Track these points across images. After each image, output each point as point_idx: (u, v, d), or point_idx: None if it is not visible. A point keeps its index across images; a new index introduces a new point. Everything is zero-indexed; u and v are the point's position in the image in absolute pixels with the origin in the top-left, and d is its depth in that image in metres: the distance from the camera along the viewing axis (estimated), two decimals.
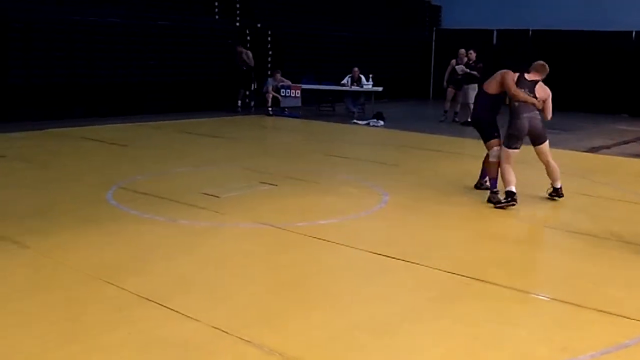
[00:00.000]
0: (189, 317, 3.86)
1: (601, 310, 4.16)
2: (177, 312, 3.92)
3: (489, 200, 6.90)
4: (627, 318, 4.05)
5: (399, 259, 5.05)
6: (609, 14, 18.51)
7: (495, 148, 7.06)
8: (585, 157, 10.90)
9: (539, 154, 7.19)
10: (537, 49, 19.53)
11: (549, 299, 4.42)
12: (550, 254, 5.60)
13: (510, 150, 6.83)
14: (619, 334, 3.81)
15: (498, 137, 7.13)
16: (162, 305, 4.01)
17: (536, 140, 7.10)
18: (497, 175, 7.00)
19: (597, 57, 18.46)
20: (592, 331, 3.88)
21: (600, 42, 18.45)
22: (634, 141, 12.23)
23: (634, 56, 18.04)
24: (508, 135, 6.93)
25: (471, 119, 8.39)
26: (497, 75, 7.10)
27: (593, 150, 11.53)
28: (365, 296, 4.35)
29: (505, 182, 6.77)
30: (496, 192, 6.91)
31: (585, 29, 18.37)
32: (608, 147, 11.88)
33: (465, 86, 14.50)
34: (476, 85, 14.42)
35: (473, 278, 4.68)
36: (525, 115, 6.85)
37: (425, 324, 3.92)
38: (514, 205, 6.64)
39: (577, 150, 11.31)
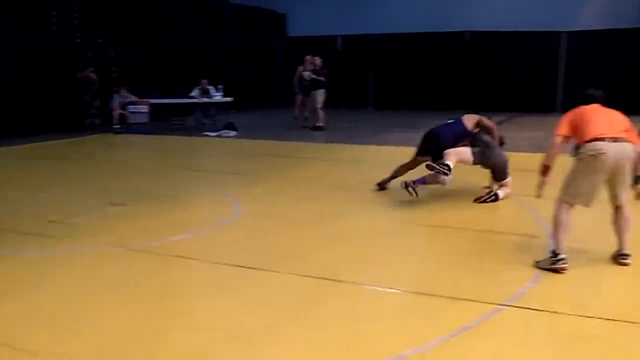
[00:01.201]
0: (36, 355, 3.65)
1: (447, 297, 4.43)
2: (22, 350, 3.70)
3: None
4: (470, 301, 4.34)
5: (255, 269, 5.07)
6: (446, 16, 19.69)
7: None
8: None
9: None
10: (379, 53, 20.54)
11: (401, 292, 4.63)
12: (401, 247, 5.83)
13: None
14: (462, 317, 4.06)
15: None
16: (6, 344, 3.77)
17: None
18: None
19: (435, 57, 19.61)
20: (437, 318, 4.10)
21: (437, 43, 19.60)
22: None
23: (467, 55, 19.34)
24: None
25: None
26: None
27: None
28: (225, 310, 4.33)
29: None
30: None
31: (423, 30, 19.44)
32: None
33: (313, 92, 14.88)
34: (323, 90, 14.87)
35: (330, 279, 4.80)
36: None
37: (288, 331, 3.96)
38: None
39: None
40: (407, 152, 11.23)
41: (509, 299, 4.34)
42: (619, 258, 5.03)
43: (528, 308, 4.20)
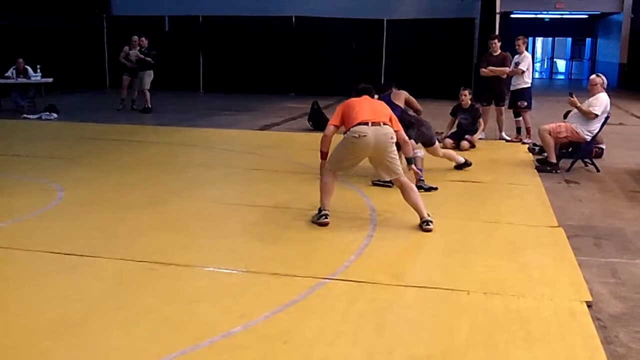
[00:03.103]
0: None
1: (274, 274, 4.54)
2: None
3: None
4: (296, 276, 4.48)
5: (76, 255, 4.87)
6: (272, 0, 19.85)
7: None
8: (258, 134, 11.63)
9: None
10: (208, 35, 20.29)
11: (229, 271, 4.67)
12: (229, 228, 5.85)
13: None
14: (289, 292, 4.19)
15: None
16: None
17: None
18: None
19: (264, 41, 19.73)
20: (266, 294, 4.20)
21: (266, 27, 19.73)
22: (300, 117, 13.35)
23: (294, 39, 19.67)
24: None
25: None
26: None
27: (265, 127, 12.36)
28: (45, 299, 4.11)
29: None
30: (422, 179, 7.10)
31: (252, 14, 19.47)
32: (278, 124, 12.84)
33: (141, 73, 14.46)
34: (151, 71, 14.48)
35: (157, 262, 4.73)
36: None
37: (110, 316, 3.86)
38: None
39: (251, 129, 12.02)
40: (237, 135, 11.38)
41: (333, 272, 4.53)
42: (423, 225, 5.57)
43: (351, 280, 4.42)
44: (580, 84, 25.01)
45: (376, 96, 6.71)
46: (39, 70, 14.73)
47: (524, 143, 10.36)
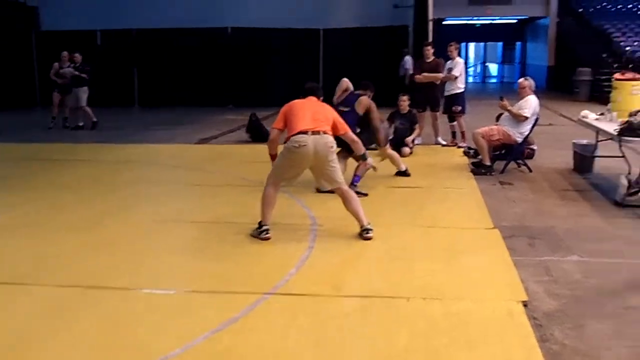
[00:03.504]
0: None
1: (213, 292, 4.49)
2: None
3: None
4: (236, 293, 4.44)
5: (7, 283, 4.70)
6: (208, 11, 19.66)
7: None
8: (196, 148, 11.51)
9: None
10: (142, 49, 20.00)
11: (168, 292, 4.58)
12: (168, 247, 5.75)
13: None
14: (229, 310, 4.13)
15: None
16: None
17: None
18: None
19: (200, 53, 19.57)
20: (205, 314, 4.13)
21: (201, 39, 19.57)
22: (239, 129, 13.27)
23: (231, 50, 19.58)
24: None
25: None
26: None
27: (203, 141, 12.23)
28: None
29: None
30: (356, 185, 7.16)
31: (187, 26, 19.26)
32: (216, 137, 12.74)
33: (76, 89, 14.17)
34: (87, 88, 14.18)
35: (94, 287, 4.60)
36: None
37: (41, 344, 3.73)
38: None
39: (188, 144, 11.87)
40: (174, 150, 11.22)
41: (273, 287, 4.50)
42: (363, 233, 5.59)
43: (292, 294, 4.40)
44: (512, 86, 25.64)
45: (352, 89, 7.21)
46: None
47: (459, 147, 10.56)
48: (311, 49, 19.33)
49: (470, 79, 34.64)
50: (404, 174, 8.29)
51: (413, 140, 10.20)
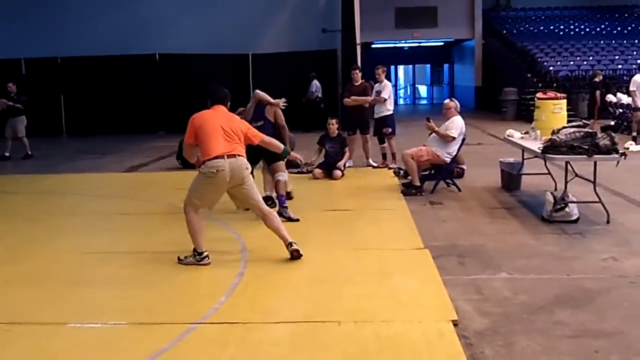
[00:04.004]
0: None
1: (141, 323, 4.35)
2: None
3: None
4: (165, 324, 4.31)
5: None
6: (134, 38, 19.38)
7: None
8: (125, 176, 11.25)
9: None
10: (68, 76, 19.56)
11: (96, 325, 4.41)
12: (96, 279, 5.57)
13: None
14: (157, 341, 4.01)
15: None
16: None
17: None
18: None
19: (128, 80, 19.26)
20: (132, 346, 4.00)
21: (129, 66, 19.27)
22: (170, 156, 13.05)
23: (160, 77, 19.36)
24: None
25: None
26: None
27: (132, 169, 11.98)
28: None
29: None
30: (286, 207, 7.24)
31: (113, 53, 18.95)
32: (146, 164, 12.50)
33: (12, 120, 13.85)
34: (24, 117, 13.82)
35: (14, 323, 4.41)
36: None
37: None
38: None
39: (117, 172, 11.60)
40: (102, 179, 10.95)
41: (203, 316, 4.40)
42: (289, 248, 5.62)
43: (221, 323, 4.31)
44: (441, 107, 26.20)
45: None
46: None
47: (389, 168, 10.68)
48: (241, 73, 19.27)
49: (401, 101, 35.32)
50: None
51: (344, 164, 10.26)
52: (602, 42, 24.01)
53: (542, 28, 26.59)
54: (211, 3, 20.01)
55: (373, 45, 27.20)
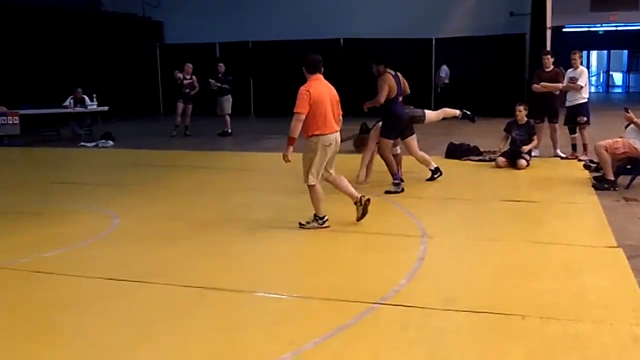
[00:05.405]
0: None
1: (322, 299, 4.51)
2: None
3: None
4: (346, 301, 4.44)
5: (133, 281, 4.96)
6: (320, 23, 19.92)
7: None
8: None
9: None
10: (258, 60, 20.60)
11: (279, 297, 4.66)
12: (281, 253, 5.87)
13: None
14: (339, 317, 4.14)
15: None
16: None
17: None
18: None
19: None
20: (315, 320, 4.17)
21: (314, 50, 19.17)
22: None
23: (344, 61, 19.66)
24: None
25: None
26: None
27: None
28: (97, 324, 4.20)
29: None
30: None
31: (300, 38, 19.62)
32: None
33: (220, 98, 14.98)
34: (230, 96, 14.90)
35: (208, 288, 4.77)
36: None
37: (162, 341, 3.90)
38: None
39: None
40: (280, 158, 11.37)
41: (383, 297, 4.47)
42: (363, 201, 6.35)
43: (401, 305, 4.35)
44: (638, 96, 24.33)
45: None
46: (95, 99, 15.17)
47: (580, 160, 10.09)
48: (424, 58, 19.11)
49: (593, 89, 33.14)
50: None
51: (529, 152, 9.84)
52: None
53: None
54: None
55: (564, 29, 25.71)
